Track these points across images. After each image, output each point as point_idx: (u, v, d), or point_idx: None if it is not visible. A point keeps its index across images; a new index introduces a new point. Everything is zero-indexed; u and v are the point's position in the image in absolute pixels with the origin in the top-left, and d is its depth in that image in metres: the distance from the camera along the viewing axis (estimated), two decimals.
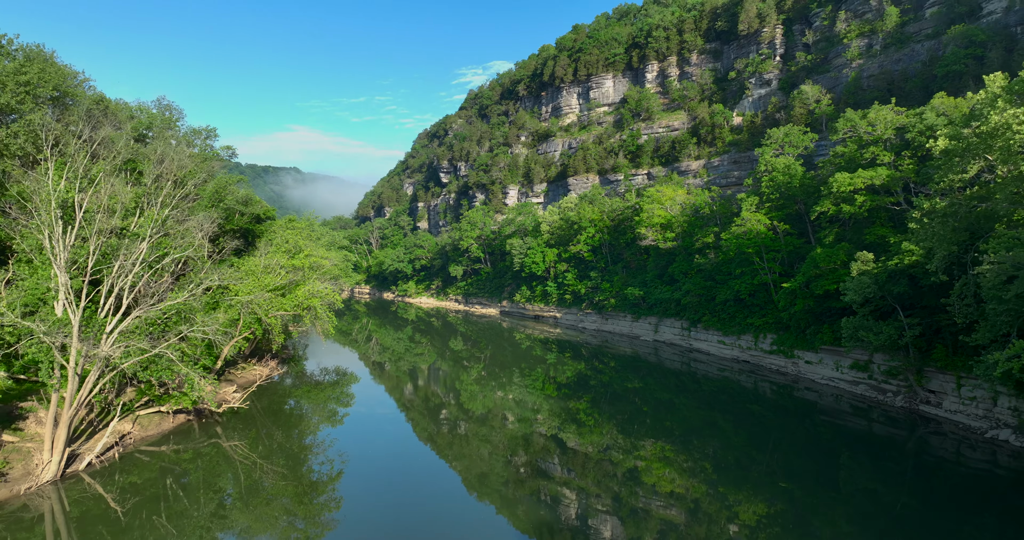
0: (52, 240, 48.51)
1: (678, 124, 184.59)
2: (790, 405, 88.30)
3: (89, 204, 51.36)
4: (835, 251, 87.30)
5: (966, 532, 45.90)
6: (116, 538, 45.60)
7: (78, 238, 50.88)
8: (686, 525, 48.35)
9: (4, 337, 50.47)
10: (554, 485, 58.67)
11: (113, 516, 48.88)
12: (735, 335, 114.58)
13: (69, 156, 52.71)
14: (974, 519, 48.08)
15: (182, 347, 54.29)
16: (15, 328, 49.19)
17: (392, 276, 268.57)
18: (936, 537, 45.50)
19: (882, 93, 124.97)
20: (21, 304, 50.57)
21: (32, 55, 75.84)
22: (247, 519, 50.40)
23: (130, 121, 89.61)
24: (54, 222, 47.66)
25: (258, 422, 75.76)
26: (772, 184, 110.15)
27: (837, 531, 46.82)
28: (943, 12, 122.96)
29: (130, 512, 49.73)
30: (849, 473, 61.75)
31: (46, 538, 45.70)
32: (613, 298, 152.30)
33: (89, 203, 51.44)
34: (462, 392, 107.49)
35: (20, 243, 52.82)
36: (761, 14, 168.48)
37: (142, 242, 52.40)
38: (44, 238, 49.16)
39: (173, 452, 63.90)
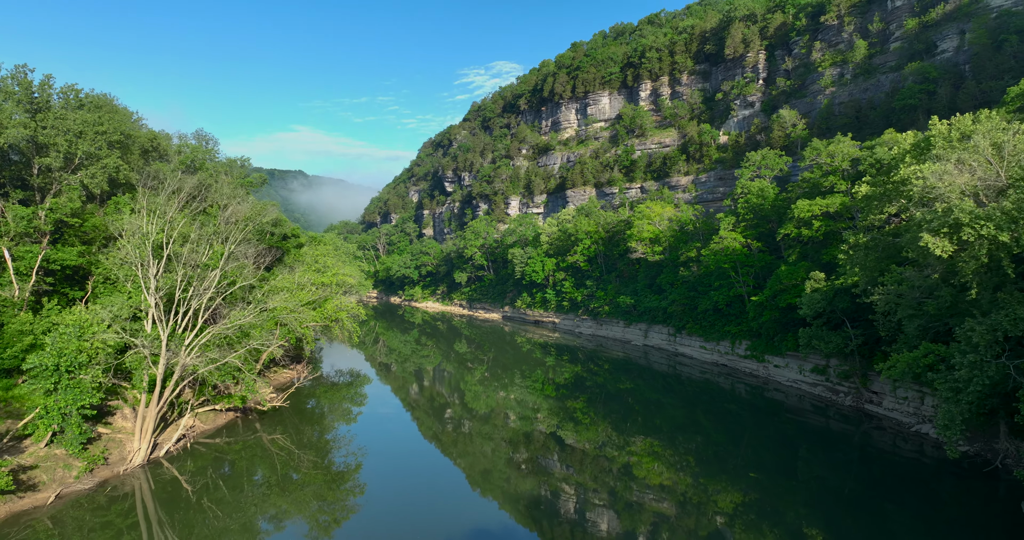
0: (146, 272, 60.96)
1: (669, 141, 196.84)
2: (761, 404, 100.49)
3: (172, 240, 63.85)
4: (796, 269, 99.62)
5: (890, 510, 57.68)
6: (189, 512, 58.14)
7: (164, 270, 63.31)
8: (676, 517, 59.05)
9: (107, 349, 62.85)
10: (554, 480, 70.66)
11: (185, 495, 61.34)
12: (715, 341, 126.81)
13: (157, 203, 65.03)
14: (900, 499, 59.87)
15: (243, 355, 66.75)
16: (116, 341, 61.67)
17: (399, 281, 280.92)
18: (870, 515, 57.20)
19: (851, 119, 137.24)
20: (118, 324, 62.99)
21: (100, 103, 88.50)
22: (285, 502, 62.49)
23: (177, 156, 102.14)
24: (150, 259, 60.08)
25: (287, 419, 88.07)
26: (747, 205, 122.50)
27: (796, 513, 57.99)
28: (904, 47, 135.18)
29: (198, 491, 62.24)
30: (806, 464, 73.75)
31: (144, 508, 58.28)
32: (607, 305, 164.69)
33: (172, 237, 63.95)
34: (467, 392, 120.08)
35: (115, 272, 65.19)
36: (746, 39, 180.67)
37: (213, 271, 64.83)
38: (139, 270, 61.61)
39: (225, 444, 76.53)
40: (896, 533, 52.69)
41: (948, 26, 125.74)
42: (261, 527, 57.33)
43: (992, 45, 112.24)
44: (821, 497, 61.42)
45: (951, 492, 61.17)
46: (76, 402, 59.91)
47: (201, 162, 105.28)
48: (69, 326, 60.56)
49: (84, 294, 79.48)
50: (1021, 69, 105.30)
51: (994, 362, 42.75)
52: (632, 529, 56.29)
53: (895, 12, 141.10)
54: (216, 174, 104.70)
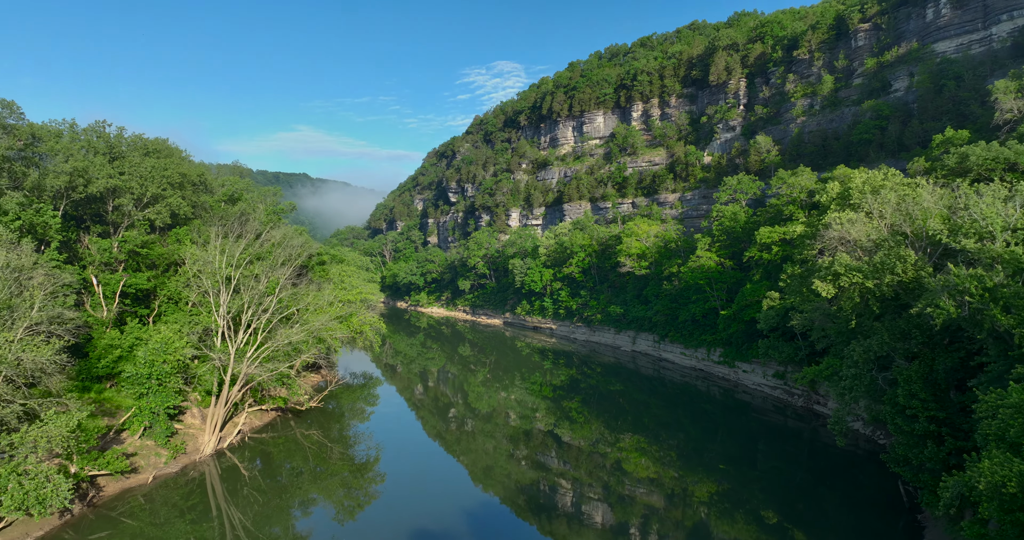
0: (217, 299, 76.29)
1: (658, 160, 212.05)
2: (731, 405, 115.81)
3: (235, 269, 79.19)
4: (758, 288, 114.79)
5: (823, 493, 72.54)
6: (249, 490, 73.62)
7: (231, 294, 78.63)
8: (663, 507, 72.68)
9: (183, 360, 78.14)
10: (552, 474, 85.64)
11: (244, 479, 76.88)
12: (693, 348, 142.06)
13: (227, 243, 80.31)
14: (833, 483, 74.51)
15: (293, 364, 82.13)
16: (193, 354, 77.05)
17: (405, 287, 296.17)
18: (811, 499, 71.80)
19: (818, 148, 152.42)
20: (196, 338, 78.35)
21: (160, 147, 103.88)
22: (317, 489, 77.82)
23: (220, 188, 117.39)
24: (221, 287, 75.41)
25: (316, 417, 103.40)
26: (721, 228, 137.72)
27: (756, 499, 72.10)
28: (864, 84, 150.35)
29: (253, 477, 77.73)
30: (765, 456, 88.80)
31: (214, 488, 73.72)
32: (599, 314, 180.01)
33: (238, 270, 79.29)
34: (470, 392, 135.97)
35: (191, 297, 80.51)
36: (728, 67, 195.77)
37: (269, 296, 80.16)
38: (211, 296, 76.94)
39: (270, 438, 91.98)
40: (827, 511, 67.76)
41: (900, 68, 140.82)
42: (299, 509, 72.67)
43: (934, 88, 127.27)
44: (776, 485, 76.52)
45: (869, 476, 76.11)
46: (163, 404, 75.33)
47: (240, 193, 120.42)
48: (157, 342, 75.88)
49: (151, 311, 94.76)
50: (956, 111, 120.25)
51: (868, 374, 57.72)
52: (625, 520, 70.35)
53: (858, 51, 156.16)
54: (253, 203, 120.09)
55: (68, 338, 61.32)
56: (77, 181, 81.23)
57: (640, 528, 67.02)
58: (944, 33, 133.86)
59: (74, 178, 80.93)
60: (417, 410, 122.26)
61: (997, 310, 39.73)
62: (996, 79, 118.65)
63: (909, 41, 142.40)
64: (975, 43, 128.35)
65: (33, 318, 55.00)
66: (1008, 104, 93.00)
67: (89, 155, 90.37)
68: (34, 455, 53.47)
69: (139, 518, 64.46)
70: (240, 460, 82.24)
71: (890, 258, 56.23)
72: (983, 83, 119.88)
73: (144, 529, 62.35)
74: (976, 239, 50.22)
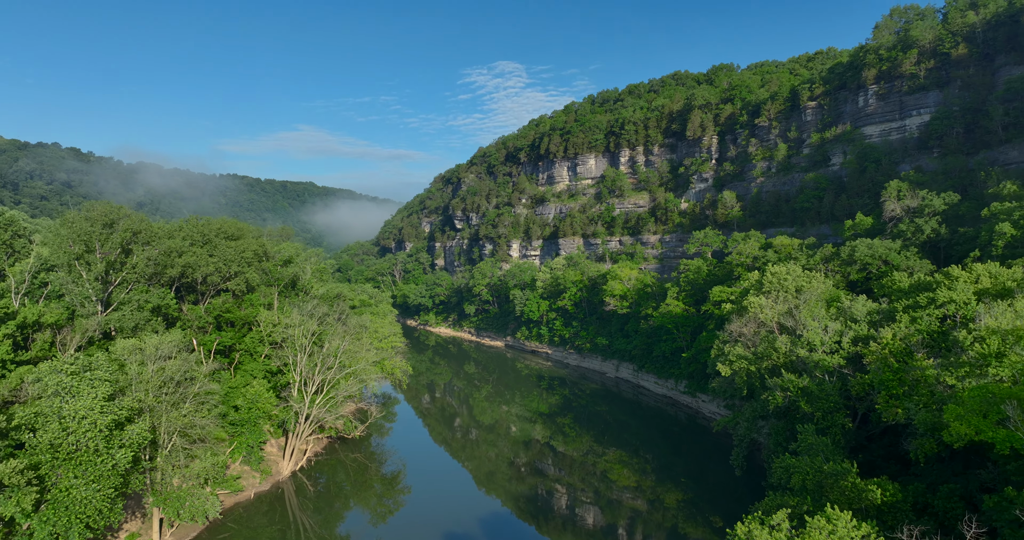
0: (296, 362, 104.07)
1: (642, 203, 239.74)
2: (694, 427, 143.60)
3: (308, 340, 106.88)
4: (711, 336, 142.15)
5: (749, 496, 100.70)
6: (313, 501, 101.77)
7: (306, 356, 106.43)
8: (644, 511, 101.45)
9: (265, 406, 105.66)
10: (548, 480, 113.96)
11: (309, 493, 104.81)
12: (664, 378, 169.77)
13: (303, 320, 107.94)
14: (757, 487, 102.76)
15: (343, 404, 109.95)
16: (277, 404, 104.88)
17: (415, 307, 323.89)
18: (740, 502, 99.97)
19: (772, 207, 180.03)
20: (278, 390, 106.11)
21: (234, 229, 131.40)
22: (358, 499, 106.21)
23: (278, 255, 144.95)
24: (300, 352, 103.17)
25: (356, 441, 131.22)
26: (687, 280, 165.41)
27: (708, 506, 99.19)
28: (811, 154, 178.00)
29: (317, 491, 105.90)
30: (714, 473, 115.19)
31: (293, 501, 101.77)
32: (588, 343, 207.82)
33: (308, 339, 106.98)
34: (475, 407, 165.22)
35: (274, 360, 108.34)
36: (703, 124, 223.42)
37: (331, 357, 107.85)
38: (290, 358, 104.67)
39: (326, 460, 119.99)
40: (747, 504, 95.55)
41: (837, 145, 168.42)
42: (346, 514, 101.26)
43: (859, 168, 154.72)
44: (722, 493, 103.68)
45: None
46: (257, 439, 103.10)
47: (292, 257, 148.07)
48: (252, 393, 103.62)
49: (231, 361, 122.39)
50: (875, 190, 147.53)
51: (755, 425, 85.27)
52: (613, 521, 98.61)
53: (806, 124, 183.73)
54: (304, 264, 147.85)
55: (215, 403, 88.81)
56: (187, 270, 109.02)
57: (627, 528, 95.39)
58: (871, 119, 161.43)
59: (185, 269, 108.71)
60: (433, 424, 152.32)
61: (803, 401, 66.81)
62: (906, 166, 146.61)
63: (845, 122, 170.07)
64: (894, 130, 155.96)
65: (196, 392, 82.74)
66: (892, 206, 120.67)
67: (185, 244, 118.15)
68: (194, 480, 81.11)
69: (243, 524, 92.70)
70: (307, 479, 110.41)
71: (767, 349, 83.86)
72: (896, 168, 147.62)
73: (246, 531, 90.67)
74: (807, 349, 77.60)
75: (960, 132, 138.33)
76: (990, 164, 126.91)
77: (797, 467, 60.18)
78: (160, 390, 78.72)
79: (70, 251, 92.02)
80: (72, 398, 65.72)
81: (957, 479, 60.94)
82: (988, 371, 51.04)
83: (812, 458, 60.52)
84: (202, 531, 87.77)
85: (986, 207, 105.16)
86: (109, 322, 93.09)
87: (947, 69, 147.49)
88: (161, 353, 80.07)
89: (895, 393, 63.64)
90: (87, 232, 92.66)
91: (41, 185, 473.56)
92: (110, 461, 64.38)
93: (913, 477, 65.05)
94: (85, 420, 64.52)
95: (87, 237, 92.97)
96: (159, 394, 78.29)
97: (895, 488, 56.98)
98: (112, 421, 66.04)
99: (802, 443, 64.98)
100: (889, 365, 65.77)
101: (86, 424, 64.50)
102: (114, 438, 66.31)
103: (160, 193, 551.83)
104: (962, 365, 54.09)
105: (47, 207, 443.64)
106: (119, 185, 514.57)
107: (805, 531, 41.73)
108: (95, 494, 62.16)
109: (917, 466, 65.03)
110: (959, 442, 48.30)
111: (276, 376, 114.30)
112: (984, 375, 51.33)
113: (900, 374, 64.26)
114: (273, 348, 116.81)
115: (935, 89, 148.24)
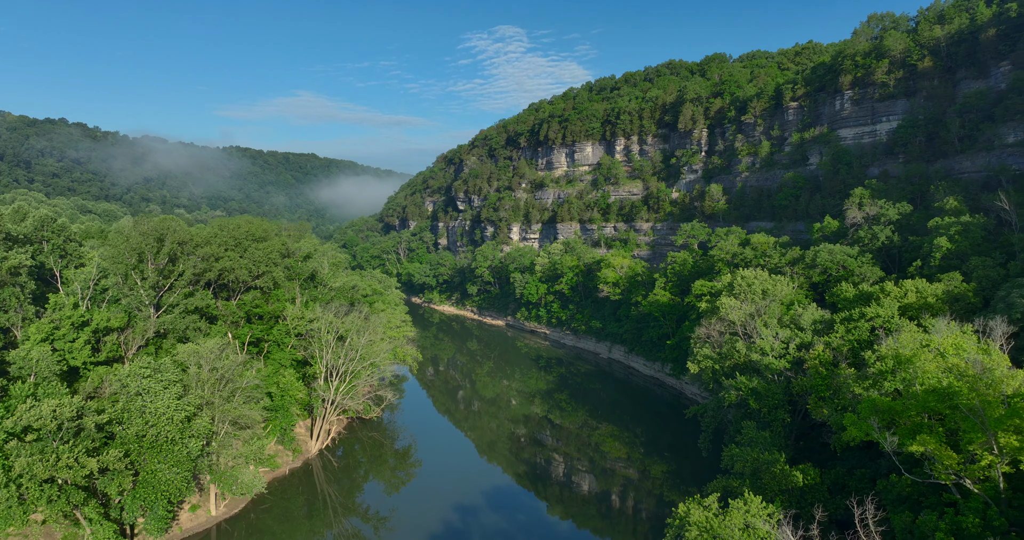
0: (323, 352, 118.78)
1: (636, 191, 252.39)
2: (677, 407, 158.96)
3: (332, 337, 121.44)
4: (693, 325, 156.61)
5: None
6: (338, 475, 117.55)
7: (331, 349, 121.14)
8: (637, 479, 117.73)
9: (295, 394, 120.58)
10: (546, 450, 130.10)
11: (334, 468, 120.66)
12: (652, 361, 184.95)
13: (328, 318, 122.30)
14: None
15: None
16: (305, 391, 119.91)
17: (419, 286, 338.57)
18: (715, 470, 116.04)
19: (754, 201, 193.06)
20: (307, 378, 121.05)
21: (262, 231, 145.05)
22: (374, 471, 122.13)
23: (299, 252, 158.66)
24: (325, 346, 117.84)
25: (367, 420, 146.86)
26: (673, 271, 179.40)
27: (690, 477, 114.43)
28: (791, 153, 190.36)
29: (341, 466, 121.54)
30: (694, 449, 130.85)
31: (320, 475, 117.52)
32: (584, 325, 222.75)
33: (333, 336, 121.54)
34: (478, 382, 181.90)
35: (306, 354, 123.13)
36: (694, 117, 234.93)
37: (353, 351, 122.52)
38: (316, 352, 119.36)
39: (347, 439, 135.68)
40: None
41: (814, 146, 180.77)
42: (366, 485, 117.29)
43: (833, 169, 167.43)
44: (701, 467, 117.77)
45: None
46: (289, 422, 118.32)
47: (311, 253, 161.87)
48: (284, 383, 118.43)
49: (260, 351, 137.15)
50: (846, 192, 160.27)
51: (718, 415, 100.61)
52: (607, 489, 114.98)
53: (788, 124, 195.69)
54: (321, 258, 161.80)
55: (258, 398, 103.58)
56: (223, 273, 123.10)
57: (619, 495, 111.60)
58: (846, 123, 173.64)
59: (222, 272, 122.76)
60: (439, 397, 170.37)
61: (752, 400, 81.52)
62: (875, 169, 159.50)
63: (823, 124, 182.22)
64: (866, 134, 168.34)
65: (243, 387, 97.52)
66: (853, 213, 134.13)
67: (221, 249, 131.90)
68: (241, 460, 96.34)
69: (280, 495, 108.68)
70: (332, 456, 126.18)
71: (730, 350, 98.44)
72: (865, 171, 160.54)
73: (282, 502, 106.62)
74: (759, 354, 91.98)
75: (923, 141, 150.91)
76: (946, 173, 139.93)
77: (739, 456, 75.13)
78: (215, 387, 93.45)
79: (127, 262, 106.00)
80: (152, 397, 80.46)
81: (868, 465, 76.00)
82: (884, 385, 65.27)
83: (752, 449, 75.42)
84: (248, 502, 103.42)
85: (933, 218, 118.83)
86: (163, 324, 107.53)
87: (914, 80, 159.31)
88: (213, 355, 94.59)
89: (823, 396, 78.26)
90: (141, 246, 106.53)
91: (52, 162, 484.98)
92: (184, 449, 79.38)
93: (838, 462, 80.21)
94: (163, 416, 79.33)
95: (141, 250, 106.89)
96: (214, 390, 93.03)
97: (815, 473, 71.94)
98: (185, 416, 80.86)
99: (745, 436, 79.93)
100: (819, 372, 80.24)
101: (164, 419, 79.32)
102: (186, 430, 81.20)
103: (167, 169, 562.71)
104: (867, 378, 68.29)
105: (59, 184, 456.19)
106: (128, 162, 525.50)
107: (728, 510, 56.23)
108: (176, 476, 77.26)
109: (844, 453, 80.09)
110: (854, 442, 62.97)
111: (304, 367, 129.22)
112: (881, 387, 65.60)
113: (827, 380, 78.74)
114: (299, 339, 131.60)
115: (903, 98, 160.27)
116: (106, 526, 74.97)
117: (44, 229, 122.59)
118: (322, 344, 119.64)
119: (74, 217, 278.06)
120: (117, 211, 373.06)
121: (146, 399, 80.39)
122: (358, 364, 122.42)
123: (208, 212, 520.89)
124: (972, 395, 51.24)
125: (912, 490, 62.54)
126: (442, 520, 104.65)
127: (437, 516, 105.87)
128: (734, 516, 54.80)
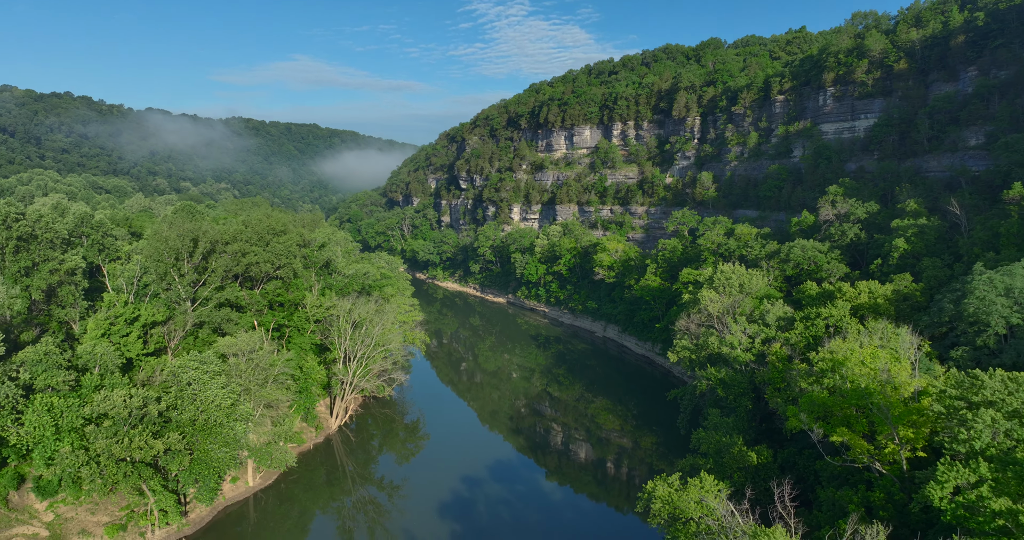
0: (342, 340, 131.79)
1: (632, 175, 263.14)
2: (666, 384, 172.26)
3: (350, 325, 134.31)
4: (681, 309, 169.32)
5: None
6: (355, 449, 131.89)
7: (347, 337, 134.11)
8: (631, 449, 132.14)
9: (317, 377, 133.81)
10: (545, 420, 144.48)
11: (351, 442, 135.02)
12: (643, 341, 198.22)
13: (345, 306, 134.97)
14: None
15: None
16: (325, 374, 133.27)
17: (423, 262, 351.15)
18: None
19: (742, 190, 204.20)
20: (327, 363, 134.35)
21: (281, 225, 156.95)
22: (387, 444, 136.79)
23: (314, 242, 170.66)
24: (343, 333, 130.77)
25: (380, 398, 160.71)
26: (663, 257, 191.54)
27: (676, 451, 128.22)
28: (777, 144, 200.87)
29: (359, 440, 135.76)
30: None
31: (340, 448, 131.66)
32: (580, 305, 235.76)
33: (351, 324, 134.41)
34: (480, 356, 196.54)
35: (324, 339, 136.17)
36: (687, 105, 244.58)
37: (368, 337, 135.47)
38: (335, 339, 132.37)
39: (362, 415, 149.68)
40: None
41: (798, 139, 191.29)
42: (379, 456, 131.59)
43: (814, 163, 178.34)
44: (685, 440, 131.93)
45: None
46: (311, 402, 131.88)
47: (325, 242, 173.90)
48: (306, 366, 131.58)
49: (281, 335, 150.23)
50: (824, 185, 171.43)
51: (693, 399, 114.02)
52: (602, 457, 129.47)
53: (775, 116, 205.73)
54: (335, 247, 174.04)
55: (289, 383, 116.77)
56: (250, 267, 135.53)
57: (614, 463, 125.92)
58: (828, 118, 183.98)
59: (248, 266, 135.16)
60: (444, 370, 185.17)
61: (720, 388, 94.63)
62: (852, 164, 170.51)
63: (807, 118, 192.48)
64: (845, 130, 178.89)
65: (276, 375, 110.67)
66: (826, 210, 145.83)
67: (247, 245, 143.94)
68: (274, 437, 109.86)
69: (305, 467, 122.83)
70: (349, 431, 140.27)
71: (705, 342, 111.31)
72: (843, 166, 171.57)
73: (308, 473, 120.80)
74: (728, 347, 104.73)
75: (896, 139, 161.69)
76: (915, 171, 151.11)
77: (705, 439, 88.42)
78: (251, 375, 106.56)
79: (166, 262, 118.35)
80: (200, 386, 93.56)
81: (814, 446, 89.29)
82: (824, 381, 77.90)
83: (716, 432, 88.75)
84: (279, 474, 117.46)
85: (895, 219, 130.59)
86: (199, 316, 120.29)
87: (891, 80, 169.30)
88: (249, 347, 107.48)
89: (778, 387, 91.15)
90: (178, 246, 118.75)
91: (61, 138, 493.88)
92: (232, 431, 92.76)
93: (791, 443, 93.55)
94: (212, 403, 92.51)
95: (178, 249, 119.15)
96: (250, 378, 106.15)
97: (768, 453, 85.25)
98: (230, 403, 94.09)
99: (711, 421, 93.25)
100: (776, 367, 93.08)
101: (212, 406, 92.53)
102: (231, 414, 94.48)
103: (172, 143, 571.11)
104: (812, 375, 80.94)
105: (68, 160, 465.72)
106: (135, 137, 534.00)
107: (687, 487, 69.20)
108: (225, 454, 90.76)
109: (795, 435, 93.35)
110: (795, 430, 76.11)
111: (324, 353, 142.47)
112: (821, 383, 78.25)
113: (783, 373, 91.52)
114: (317, 324, 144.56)
115: (881, 97, 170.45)
116: (167, 496, 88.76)
117: (84, 225, 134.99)
118: (340, 332, 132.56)
119: (89, 197, 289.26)
120: (127, 187, 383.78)
121: (196, 388, 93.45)
122: (373, 349, 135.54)
123: (214, 184, 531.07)
124: (880, 396, 63.94)
125: (843, 470, 75.77)
126: (449, 488, 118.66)
127: (445, 484, 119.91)
128: (691, 491, 67.78)
